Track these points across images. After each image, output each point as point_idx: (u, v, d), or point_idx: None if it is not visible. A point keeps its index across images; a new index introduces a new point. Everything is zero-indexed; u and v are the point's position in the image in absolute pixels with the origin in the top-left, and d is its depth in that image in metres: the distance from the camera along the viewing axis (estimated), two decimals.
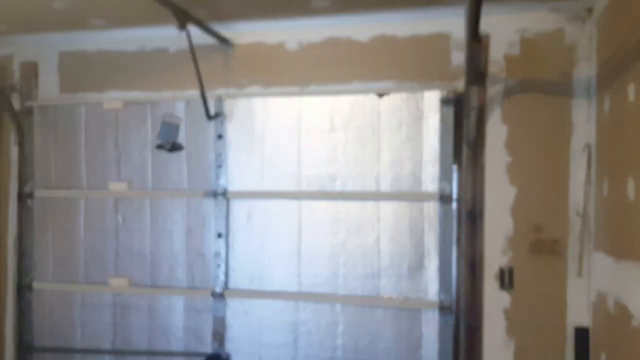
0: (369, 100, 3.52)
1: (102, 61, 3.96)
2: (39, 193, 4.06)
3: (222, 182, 3.75)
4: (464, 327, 3.29)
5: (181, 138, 3.80)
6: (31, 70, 4.08)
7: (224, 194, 3.74)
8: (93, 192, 3.97)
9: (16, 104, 4.05)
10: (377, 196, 3.51)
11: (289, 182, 3.65)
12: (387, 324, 3.48)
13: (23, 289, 4.05)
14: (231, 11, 3.36)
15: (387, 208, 3.50)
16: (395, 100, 3.48)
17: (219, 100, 3.73)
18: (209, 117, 3.61)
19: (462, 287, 3.31)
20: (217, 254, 3.74)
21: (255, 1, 3.20)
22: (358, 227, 3.54)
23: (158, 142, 3.80)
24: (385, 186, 3.50)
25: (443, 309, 3.35)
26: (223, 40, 3.58)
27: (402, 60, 3.45)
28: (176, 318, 3.85)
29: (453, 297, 3.34)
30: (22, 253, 4.05)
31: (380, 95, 3.49)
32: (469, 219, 3.28)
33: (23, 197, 4.06)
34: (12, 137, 4.09)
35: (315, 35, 3.56)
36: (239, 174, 3.74)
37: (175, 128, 3.76)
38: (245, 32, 3.63)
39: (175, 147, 3.79)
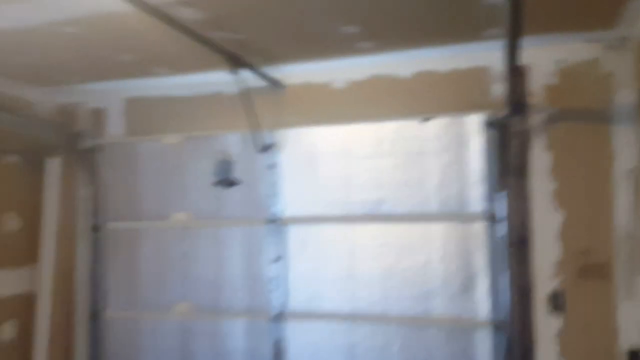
0: (412, 126, 3.67)
1: (163, 106, 4.28)
2: (108, 226, 4.37)
3: (277, 209, 3.96)
4: (516, 351, 3.37)
5: (237, 170, 4.05)
6: (99, 116, 4.45)
7: (279, 220, 3.94)
8: (157, 223, 4.24)
9: (86, 145, 4.39)
10: (424, 218, 3.64)
11: (339, 207, 3.82)
12: (440, 343, 3.58)
13: (95, 316, 4.34)
14: (281, 55, 3.61)
15: (436, 229, 3.63)
16: (438, 125, 3.63)
17: (271, 133, 3.95)
18: (262, 149, 3.85)
19: (513, 310, 3.40)
20: (274, 278, 3.93)
21: (304, 45, 3.44)
22: (408, 249, 3.67)
23: (215, 179, 4.08)
24: (432, 208, 3.63)
25: (495, 327, 3.44)
26: (274, 82, 3.83)
27: (444, 93, 3.61)
28: (238, 340, 4.05)
29: (505, 316, 3.42)
30: (94, 283, 4.36)
31: (424, 120, 3.64)
32: (517, 244, 3.37)
33: (94, 230, 4.38)
34: (82, 176, 4.42)
35: (360, 74, 3.76)
36: (292, 201, 3.94)
37: (230, 165, 4.05)
38: (295, 74, 3.87)
39: (231, 183, 4.06)
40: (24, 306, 4.26)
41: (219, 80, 3.84)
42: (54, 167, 4.36)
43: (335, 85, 3.84)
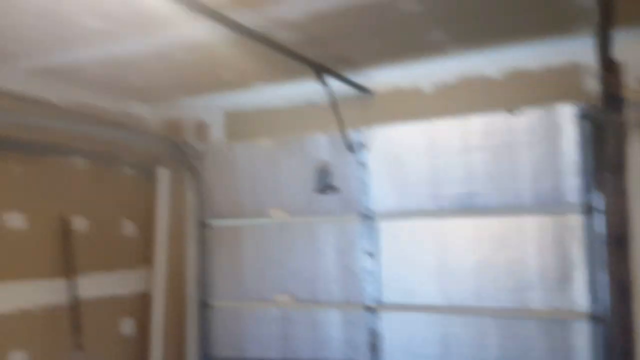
0: (502, 119, 3.67)
1: (259, 116, 4.54)
2: (213, 223, 4.71)
3: (368, 205, 4.10)
4: (616, 346, 3.32)
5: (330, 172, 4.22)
6: (202, 128, 4.79)
7: (371, 216, 4.09)
8: (257, 220, 4.51)
9: (191, 153, 4.76)
10: (518, 211, 3.63)
11: (430, 201, 3.90)
12: (537, 335, 3.59)
13: (204, 306, 4.70)
14: (369, 63, 3.75)
15: (530, 222, 3.62)
16: (530, 117, 3.61)
17: (359, 133, 4.09)
18: (351, 149, 4.02)
19: (612, 306, 3.34)
20: (368, 272, 4.10)
21: (391, 53, 3.56)
22: (501, 242, 3.69)
23: (315, 187, 4.27)
24: (526, 201, 3.62)
25: (594, 319, 3.40)
26: (362, 89, 3.96)
27: (534, 91, 3.61)
28: (334, 330, 4.26)
29: (604, 310, 3.36)
30: (203, 277, 4.72)
31: (514, 113, 3.63)
32: (615, 240, 3.33)
33: (201, 227, 4.74)
34: (189, 182, 4.79)
35: (448, 76, 3.83)
36: (383, 197, 4.07)
37: (329, 173, 4.23)
38: (382, 80, 3.98)
39: (331, 190, 4.23)
40: (141, 304, 4.71)
41: (309, 89, 4.02)
42: (164, 176, 4.75)
43: (424, 89, 3.93)
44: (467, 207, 3.78)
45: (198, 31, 3.03)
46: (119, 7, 2.69)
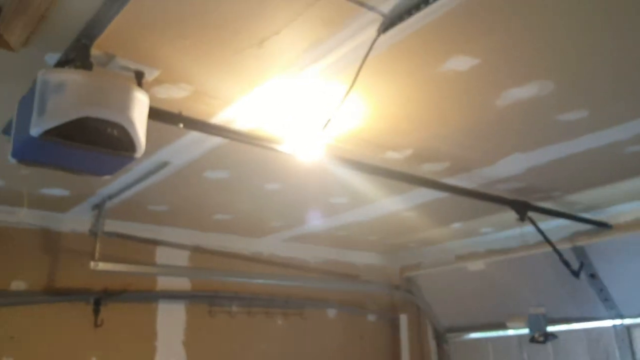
0: None
1: (487, 254, 4.58)
2: (449, 338, 4.87)
3: (614, 312, 3.84)
4: None
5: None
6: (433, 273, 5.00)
7: (622, 324, 3.83)
8: (494, 333, 4.51)
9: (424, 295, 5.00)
10: None
11: None
12: None
13: None
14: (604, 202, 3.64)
15: None
16: None
17: (580, 249, 3.85)
18: (574, 274, 3.63)
19: None
20: None
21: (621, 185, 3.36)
22: None
23: (531, 334, 3.77)
24: None
25: None
26: (598, 224, 3.77)
27: None
28: None
29: None
30: None
31: None
32: None
33: (439, 343, 4.96)
34: (425, 316, 5.04)
35: None
36: (628, 304, 3.79)
37: (543, 318, 3.73)
38: (621, 213, 3.75)
39: (547, 337, 3.71)
40: None
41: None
42: (404, 322, 5.00)
43: None
44: None
45: (420, 195, 3.39)
46: (352, 186, 3.19)
